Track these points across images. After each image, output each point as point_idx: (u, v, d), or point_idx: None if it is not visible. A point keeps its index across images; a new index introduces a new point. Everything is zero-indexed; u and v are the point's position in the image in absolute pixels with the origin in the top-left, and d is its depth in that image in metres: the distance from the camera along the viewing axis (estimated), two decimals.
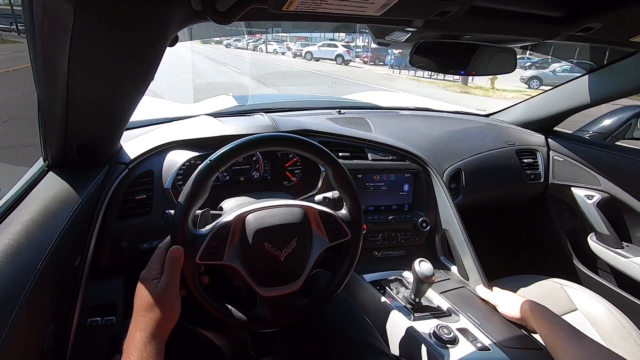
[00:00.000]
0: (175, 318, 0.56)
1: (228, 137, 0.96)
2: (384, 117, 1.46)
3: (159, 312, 0.53)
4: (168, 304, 0.55)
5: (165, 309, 0.54)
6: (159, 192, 0.92)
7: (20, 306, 0.49)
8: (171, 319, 0.55)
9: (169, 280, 0.55)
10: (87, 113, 0.69)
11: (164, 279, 0.56)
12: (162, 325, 0.53)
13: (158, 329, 0.53)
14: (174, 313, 0.56)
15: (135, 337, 0.51)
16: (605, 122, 1.49)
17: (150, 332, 0.52)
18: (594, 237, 1.36)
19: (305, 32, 21.23)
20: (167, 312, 0.54)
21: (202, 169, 0.60)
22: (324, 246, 0.70)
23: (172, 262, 0.56)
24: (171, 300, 0.55)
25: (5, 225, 0.58)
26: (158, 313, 0.53)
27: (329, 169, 0.70)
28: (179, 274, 0.57)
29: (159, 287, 0.55)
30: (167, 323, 0.54)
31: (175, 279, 0.56)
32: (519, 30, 0.64)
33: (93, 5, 0.41)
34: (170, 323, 0.55)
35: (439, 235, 1.19)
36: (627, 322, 0.97)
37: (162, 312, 0.54)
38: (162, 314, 0.53)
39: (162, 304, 0.54)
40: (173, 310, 0.56)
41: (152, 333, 0.52)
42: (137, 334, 0.51)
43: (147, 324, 0.52)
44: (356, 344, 0.74)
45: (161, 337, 0.53)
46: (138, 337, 0.51)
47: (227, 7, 0.42)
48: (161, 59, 0.54)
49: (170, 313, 0.55)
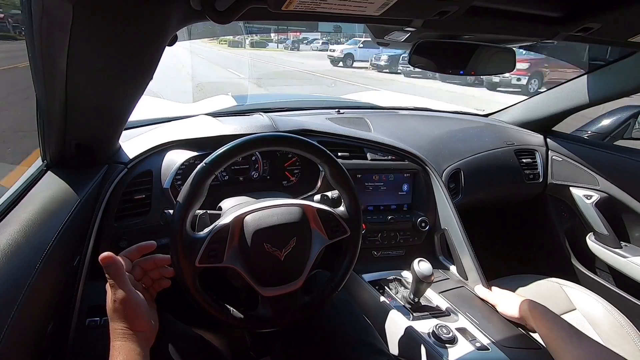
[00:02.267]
0: (148, 320, 0.56)
1: (227, 136, 0.96)
2: (383, 117, 1.46)
3: (124, 320, 0.53)
4: (131, 310, 0.54)
5: (130, 315, 0.54)
6: (158, 191, 0.92)
7: (19, 306, 0.49)
8: (142, 322, 0.55)
9: (116, 287, 0.53)
10: (85, 112, 0.68)
11: (111, 292, 0.54)
12: (138, 332, 0.53)
13: (134, 337, 0.53)
14: (143, 317, 0.55)
15: (115, 346, 0.52)
16: (603, 122, 1.50)
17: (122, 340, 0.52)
18: (593, 236, 1.36)
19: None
20: (134, 317, 0.54)
21: (198, 173, 0.60)
22: (324, 244, 0.70)
23: (110, 273, 0.53)
24: (129, 304, 0.54)
25: (3, 224, 0.58)
26: (123, 321, 0.53)
27: (325, 166, 0.70)
28: (123, 282, 0.54)
29: (116, 300, 0.54)
30: (139, 327, 0.54)
31: (123, 288, 0.53)
32: (518, 31, 0.64)
33: (92, 4, 0.41)
34: (143, 327, 0.55)
35: (438, 235, 1.19)
36: (625, 322, 0.97)
37: (128, 320, 0.53)
38: (129, 321, 0.53)
39: (122, 312, 0.53)
40: (141, 314, 0.55)
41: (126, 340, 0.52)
42: (116, 342, 0.53)
43: (118, 334, 0.53)
44: (355, 344, 0.74)
45: (138, 341, 0.53)
46: (117, 345, 0.52)
47: (226, 7, 0.42)
48: (160, 58, 0.54)
49: (138, 317, 0.54)
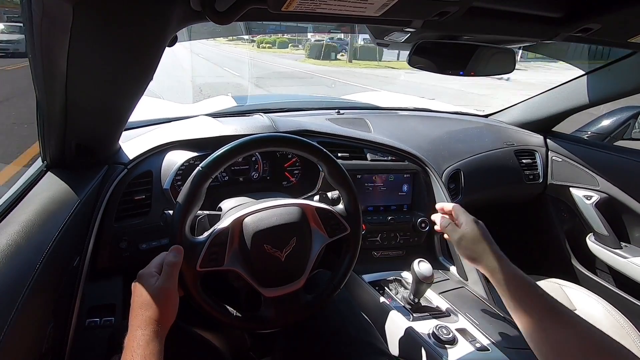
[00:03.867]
0: (174, 316, 0.56)
1: (227, 137, 0.96)
2: (383, 117, 1.47)
3: (157, 310, 0.53)
4: (166, 302, 0.55)
5: (164, 306, 0.54)
6: (158, 192, 0.92)
7: (19, 307, 0.49)
8: (170, 316, 0.55)
9: (166, 278, 0.55)
10: (86, 113, 0.69)
11: (162, 277, 0.55)
12: (162, 323, 0.53)
13: (158, 327, 0.52)
14: (172, 311, 0.56)
15: (137, 336, 0.51)
16: (603, 123, 1.50)
17: (151, 330, 0.51)
18: (593, 237, 1.36)
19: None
20: (165, 310, 0.54)
21: (196, 176, 0.60)
22: (324, 242, 0.70)
23: (168, 265, 0.56)
24: (169, 298, 0.55)
25: (3, 225, 0.58)
26: (156, 311, 0.53)
27: (323, 165, 0.70)
28: (177, 273, 0.57)
29: (157, 285, 0.55)
30: (166, 321, 0.54)
31: (174, 277, 0.56)
32: (517, 31, 0.64)
33: (92, 5, 0.41)
34: (169, 321, 0.55)
35: (438, 236, 1.19)
36: (625, 322, 0.97)
37: (160, 310, 0.53)
38: (160, 312, 0.53)
39: (160, 302, 0.54)
40: (171, 308, 0.55)
41: (154, 331, 0.51)
42: (137, 332, 0.51)
43: (147, 322, 0.52)
44: (356, 344, 0.74)
45: (161, 334, 0.53)
46: (140, 335, 0.51)
47: (226, 7, 0.42)
48: (160, 59, 0.54)
49: (168, 311, 0.55)
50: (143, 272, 0.57)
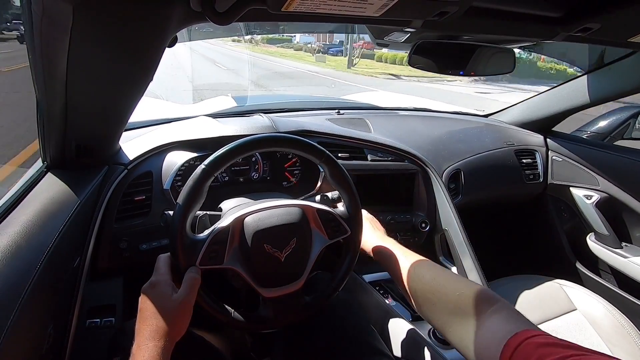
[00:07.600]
0: (184, 331, 0.56)
1: (227, 137, 0.96)
2: (383, 117, 1.47)
3: (172, 322, 0.53)
4: (184, 316, 0.55)
5: (180, 319, 0.54)
6: (158, 193, 0.92)
7: (19, 307, 0.49)
8: (182, 331, 0.55)
9: (189, 291, 0.56)
10: (86, 114, 0.69)
11: (184, 290, 0.55)
12: (172, 337, 0.53)
13: (169, 341, 0.52)
14: (185, 326, 0.56)
15: (149, 347, 0.50)
16: (604, 122, 1.50)
17: (163, 343, 0.51)
18: (593, 237, 1.36)
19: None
20: (181, 324, 0.54)
21: (197, 175, 0.60)
22: (324, 244, 0.70)
23: (191, 280, 0.57)
24: (187, 312, 0.55)
25: (3, 226, 0.58)
26: (171, 322, 0.52)
27: (324, 166, 0.70)
28: (196, 291, 0.57)
29: (177, 297, 0.54)
30: (177, 334, 0.54)
31: (193, 295, 0.57)
32: (517, 31, 0.64)
33: (92, 5, 0.41)
34: (179, 334, 0.55)
35: (439, 236, 1.19)
36: (626, 322, 0.97)
37: (175, 323, 0.53)
38: (174, 325, 0.53)
39: (177, 314, 0.54)
40: (185, 323, 0.56)
41: (165, 345, 0.51)
42: (150, 343, 0.50)
43: (161, 335, 0.51)
44: (356, 344, 0.74)
45: (170, 348, 0.53)
46: (152, 347, 0.50)
47: (226, 8, 0.42)
48: (160, 59, 0.54)
49: (182, 325, 0.55)
50: (158, 280, 0.56)
